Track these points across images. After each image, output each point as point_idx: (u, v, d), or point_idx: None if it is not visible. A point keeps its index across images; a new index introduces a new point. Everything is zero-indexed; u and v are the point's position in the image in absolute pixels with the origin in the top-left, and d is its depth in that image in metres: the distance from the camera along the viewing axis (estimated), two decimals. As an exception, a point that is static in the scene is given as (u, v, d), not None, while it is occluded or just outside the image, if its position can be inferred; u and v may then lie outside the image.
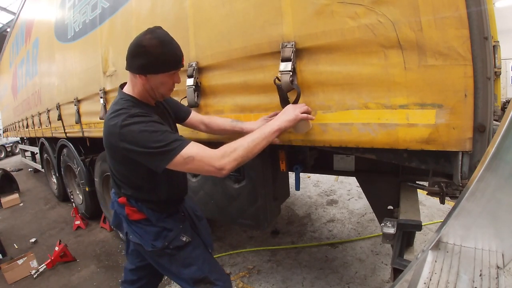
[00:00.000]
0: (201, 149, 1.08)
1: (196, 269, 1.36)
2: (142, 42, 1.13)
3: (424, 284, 0.82)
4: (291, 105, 1.22)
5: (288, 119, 1.16)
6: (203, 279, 1.36)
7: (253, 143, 1.10)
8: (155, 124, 1.08)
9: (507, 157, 0.72)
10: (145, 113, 1.11)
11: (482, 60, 0.91)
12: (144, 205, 1.31)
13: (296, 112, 1.17)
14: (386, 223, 1.23)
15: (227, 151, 1.07)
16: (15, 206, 5.32)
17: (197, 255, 1.37)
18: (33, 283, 2.71)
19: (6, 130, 9.17)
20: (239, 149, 1.08)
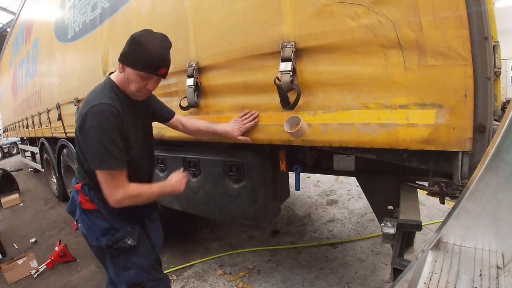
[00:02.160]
0: (118, 179, 1.17)
1: (134, 273, 1.38)
2: (134, 34, 1.18)
3: (424, 284, 0.82)
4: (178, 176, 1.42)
5: (178, 187, 1.39)
6: (138, 284, 1.39)
7: (151, 195, 1.31)
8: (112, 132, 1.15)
9: (507, 157, 0.72)
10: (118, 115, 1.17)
11: (482, 60, 0.92)
12: (96, 195, 1.31)
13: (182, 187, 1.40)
14: (386, 223, 1.23)
15: (132, 194, 1.21)
16: (15, 206, 5.32)
17: (138, 261, 1.38)
18: (33, 283, 2.71)
19: (6, 130, 9.17)
20: (141, 197, 1.26)
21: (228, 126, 1.51)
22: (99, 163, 1.15)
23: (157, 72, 1.19)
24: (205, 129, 1.59)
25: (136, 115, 1.33)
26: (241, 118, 1.48)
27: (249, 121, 1.46)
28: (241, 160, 1.74)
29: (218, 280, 2.37)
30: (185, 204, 2.18)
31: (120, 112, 1.19)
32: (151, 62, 1.16)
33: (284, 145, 1.75)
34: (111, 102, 1.17)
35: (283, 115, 1.36)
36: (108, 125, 1.13)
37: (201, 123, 1.61)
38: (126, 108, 1.25)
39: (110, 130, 1.14)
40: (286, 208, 3.66)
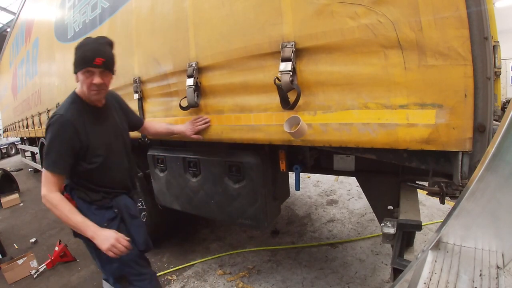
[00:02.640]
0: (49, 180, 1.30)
1: (116, 267, 1.44)
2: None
3: (424, 284, 0.82)
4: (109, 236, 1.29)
5: (102, 241, 1.27)
6: (122, 277, 1.48)
7: (66, 219, 1.29)
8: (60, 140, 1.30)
9: (507, 157, 0.72)
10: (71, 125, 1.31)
11: (482, 60, 0.92)
12: (75, 194, 1.43)
13: (105, 246, 1.26)
14: (386, 223, 1.23)
15: (49, 200, 1.28)
16: (15, 206, 5.32)
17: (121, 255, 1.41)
18: (33, 283, 2.71)
19: (6, 130, 9.18)
20: (54, 210, 1.29)
21: (183, 126, 1.76)
22: (44, 163, 1.33)
23: (93, 63, 1.28)
24: (164, 131, 1.83)
25: (105, 122, 1.46)
26: (195, 120, 1.73)
27: (200, 124, 1.72)
28: (241, 160, 1.74)
29: (218, 280, 2.37)
30: (185, 204, 2.18)
31: (74, 123, 1.31)
32: (85, 56, 1.29)
33: (284, 145, 1.75)
34: (64, 114, 1.32)
35: (283, 115, 1.36)
36: (58, 135, 1.30)
37: (161, 125, 1.85)
38: (89, 117, 1.38)
39: (58, 139, 1.30)
40: (286, 208, 3.66)
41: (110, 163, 1.45)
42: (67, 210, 1.28)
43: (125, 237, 1.34)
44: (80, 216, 1.30)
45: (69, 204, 1.30)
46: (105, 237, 1.27)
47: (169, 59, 1.85)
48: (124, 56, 2.25)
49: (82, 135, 1.33)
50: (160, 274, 2.52)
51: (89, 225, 1.29)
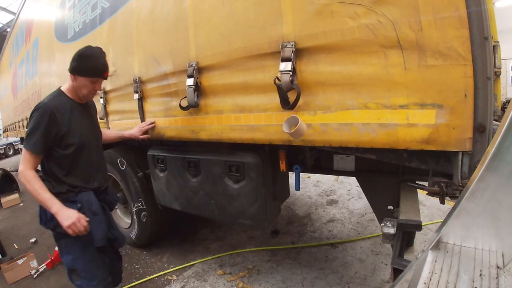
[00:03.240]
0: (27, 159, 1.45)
1: (71, 259, 1.57)
2: (78, 51, 1.51)
3: (424, 284, 0.82)
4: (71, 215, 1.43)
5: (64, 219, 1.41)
6: (74, 270, 1.58)
7: (36, 194, 1.43)
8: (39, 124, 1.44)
9: (507, 157, 0.72)
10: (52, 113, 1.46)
11: (482, 60, 0.92)
12: (45, 184, 1.51)
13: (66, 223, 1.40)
14: (386, 223, 1.23)
15: (25, 176, 1.43)
16: (15, 206, 5.32)
17: (75, 249, 1.56)
18: (33, 283, 2.71)
19: (6, 130, 9.17)
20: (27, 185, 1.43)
21: (132, 130, 2.06)
22: (24, 143, 1.47)
23: (103, 75, 1.57)
24: (115, 136, 2.06)
25: (82, 114, 1.63)
26: (142, 124, 2.07)
27: (146, 125, 2.05)
28: (241, 160, 1.74)
29: (218, 280, 2.37)
30: (185, 204, 2.18)
31: (54, 110, 1.46)
32: (98, 69, 1.54)
33: (284, 145, 1.76)
34: (47, 102, 1.48)
35: (283, 115, 1.36)
36: (39, 119, 1.43)
37: (112, 132, 2.12)
38: (67, 108, 1.53)
39: (40, 124, 1.43)
40: (286, 208, 3.66)
41: (83, 155, 1.58)
42: (38, 187, 1.42)
43: (85, 218, 1.47)
44: (49, 193, 1.44)
45: (41, 182, 1.45)
46: (67, 215, 1.41)
47: (169, 59, 1.86)
48: (124, 56, 2.26)
49: (61, 122, 1.48)
50: (160, 274, 2.52)
51: (55, 203, 1.42)
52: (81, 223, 1.43)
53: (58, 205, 1.42)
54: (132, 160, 2.66)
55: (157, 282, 2.44)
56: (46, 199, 1.42)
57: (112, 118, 2.62)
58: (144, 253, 2.91)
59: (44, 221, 1.56)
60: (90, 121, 1.70)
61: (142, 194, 2.59)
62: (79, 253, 1.56)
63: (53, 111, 1.46)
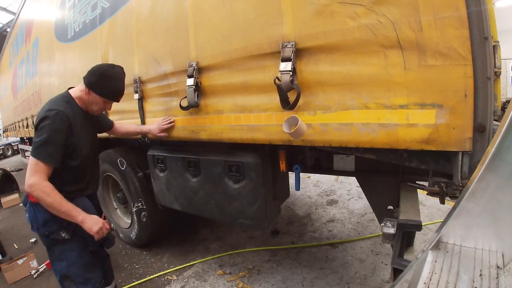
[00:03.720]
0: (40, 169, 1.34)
1: (65, 265, 1.53)
2: (101, 68, 1.51)
3: (424, 284, 0.82)
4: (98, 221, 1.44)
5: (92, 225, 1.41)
6: (68, 277, 1.55)
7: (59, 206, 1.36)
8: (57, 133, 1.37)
9: (507, 157, 0.72)
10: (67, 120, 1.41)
11: (482, 60, 0.92)
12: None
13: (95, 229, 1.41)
14: (386, 223, 1.23)
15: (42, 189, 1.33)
16: (15, 206, 5.32)
17: (70, 255, 1.53)
18: (33, 283, 2.71)
19: (6, 130, 9.17)
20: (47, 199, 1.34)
21: (151, 126, 1.99)
22: (34, 152, 1.35)
23: (117, 99, 1.60)
24: (133, 130, 2.04)
25: (86, 125, 1.59)
26: (162, 120, 1.96)
27: (166, 123, 1.94)
28: (241, 160, 1.74)
29: (218, 280, 2.37)
30: (185, 204, 2.18)
31: (71, 120, 1.43)
32: (115, 93, 1.56)
33: (284, 145, 1.76)
34: (63, 110, 1.41)
35: (283, 115, 1.36)
36: (57, 128, 1.37)
37: (131, 126, 2.07)
38: (78, 118, 1.50)
39: (57, 132, 1.37)
40: (286, 208, 3.66)
41: (87, 165, 1.59)
42: (59, 198, 1.37)
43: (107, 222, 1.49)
44: (71, 203, 1.40)
45: (59, 193, 1.38)
46: (94, 221, 1.42)
47: (169, 59, 1.86)
48: (124, 56, 2.25)
49: (76, 133, 1.46)
50: (160, 274, 2.52)
51: (80, 211, 1.41)
52: (106, 227, 1.47)
53: (83, 213, 1.41)
54: (132, 160, 2.66)
55: (157, 282, 2.44)
56: (70, 209, 1.39)
57: (112, 118, 2.60)
58: (144, 253, 2.91)
59: (36, 227, 1.49)
60: (93, 131, 1.69)
61: (142, 194, 2.59)
62: (75, 258, 1.53)
63: (70, 121, 1.42)
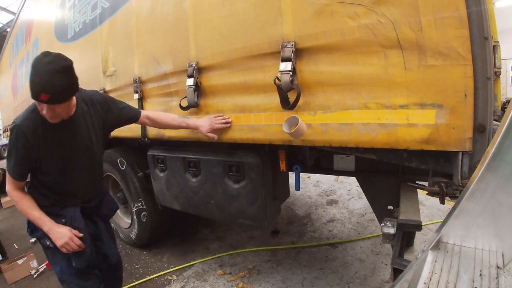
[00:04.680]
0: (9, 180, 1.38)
1: (59, 270, 1.51)
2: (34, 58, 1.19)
3: (424, 284, 0.82)
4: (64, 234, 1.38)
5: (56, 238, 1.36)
6: (63, 281, 1.54)
7: (26, 215, 1.39)
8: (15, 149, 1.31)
9: (507, 157, 0.72)
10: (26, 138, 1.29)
11: (482, 60, 0.92)
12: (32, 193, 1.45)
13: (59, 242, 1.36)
14: (386, 223, 1.23)
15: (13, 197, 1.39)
16: (15, 206, 5.31)
17: (61, 263, 1.49)
18: (33, 283, 2.71)
19: (6, 130, 9.16)
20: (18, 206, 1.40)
21: (200, 121, 1.64)
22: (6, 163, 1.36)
23: (39, 98, 1.13)
24: (176, 123, 1.71)
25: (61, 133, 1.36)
26: (215, 117, 1.62)
27: (220, 123, 1.59)
28: (241, 160, 1.74)
29: (218, 280, 2.37)
30: (185, 204, 2.18)
31: (29, 136, 1.27)
32: (32, 88, 1.13)
33: (284, 145, 1.75)
34: (20, 124, 1.28)
35: (283, 115, 1.36)
36: (16, 143, 1.30)
37: (174, 117, 1.73)
38: (45, 129, 1.30)
39: (15, 146, 1.30)
40: (286, 208, 3.66)
41: (67, 176, 1.44)
42: (26, 206, 1.37)
43: (78, 234, 1.41)
44: (38, 212, 1.37)
45: (28, 201, 1.39)
46: (60, 234, 1.36)
47: (169, 59, 1.86)
48: (124, 56, 2.26)
49: (35, 147, 1.30)
50: (160, 274, 2.52)
51: (45, 221, 1.36)
52: (75, 242, 1.37)
53: (49, 224, 1.36)
54: (132, 160, 2.66)
55: (157, 282, 2.44)
56: (35, 218, 1.37)
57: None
58: (144, 253, 2.91)
59: (30, 230, 1.50)
60: (75, 137, 1.42)
61: (142, 194, 2.59)
62: (65, 267, 1.49)
63: (25, 135, 1.27)
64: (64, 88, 1.17)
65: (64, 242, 1.35)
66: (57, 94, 1.15)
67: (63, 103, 1.20)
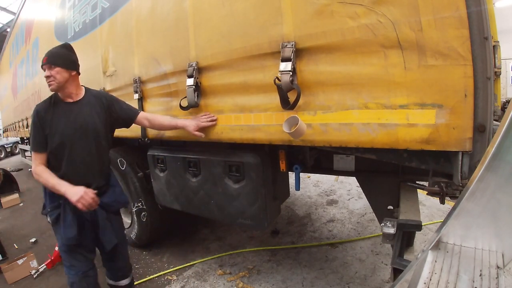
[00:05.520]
0: (35, 158, 1.62)
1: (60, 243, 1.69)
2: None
3: (424, 284, 0.82)
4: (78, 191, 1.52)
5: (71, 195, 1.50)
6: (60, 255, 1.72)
7: (46, 182, 1.57)
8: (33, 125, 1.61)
9: (507, 157, 0.72)
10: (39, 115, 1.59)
11: (482, 60, 0.92)
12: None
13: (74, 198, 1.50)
14: (386, 223, 1.23)
15: (36, 172, 1.59)
16: (15, 206, 5.32)
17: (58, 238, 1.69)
18: (33, 283, 2.71)
19: (6, 130, 9.17)
20: (40, 178, 1.58)
21: (187, 121, 1.76)
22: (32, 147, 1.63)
23: (42, 62, 1.58)
24: (167, 123, 1.85)
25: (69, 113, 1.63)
26: (201, 116, 1.72)
27: (206, 120, 1.70)
28: (241, 160, 1.74)
29: (218, 280, 2.37)
30: (185, 204, 2.18)
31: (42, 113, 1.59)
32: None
33: (284, 145, 1.75)
34: (39, 105, 1.62)
35: (283, 115, 1.36)
36: (33, 120, 1.60)
37: (165, 118, 1.89)
38: (54, 109, 1.61)
39: (33, 124, 1.60)
40: (286, 208, 3.66)
41: (65, 154, 1.61)
42: (46, 176, 1.56)
43: (91, 193, 1.54)
44: (57, 179, 1.55)
45: (49, 172, 1.58)
46: (75, 192, 1.50)
47: (169, 59, 1.86)
48: (124, 56, 2.26)
49: (47, 122, 1.58)
50: (160, 274, 2.52)
51: (63, 184, 1.53)
52: (89, 196, 1.51)
53: (66, 186, 1.52)
54: (132, 160, 2.66)
55: (157, 282, 2.44)
56: (54, 184, 1.53)
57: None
58: (144, 253, 2.91)
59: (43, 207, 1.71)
60: (79, 117, 1.63)
61: (142, 194, 2.59)
62: (60, 243, 1.69)
63: (39, 112, 1.58)
64: (59, 54, 1.60)
65: (78, 196, 1.48)
66: (52, 56, 1.57)
67: (57, 67, 1.54)
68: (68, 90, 1.62)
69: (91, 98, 1.71)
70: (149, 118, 1.86)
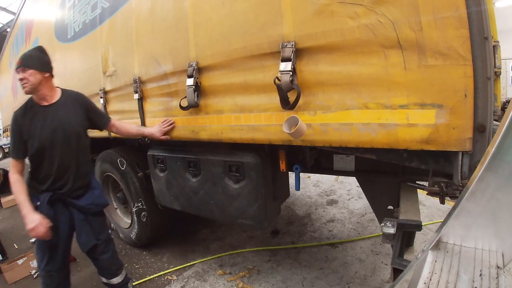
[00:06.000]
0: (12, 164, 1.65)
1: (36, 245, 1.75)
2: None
3: (424, 284, 0.82)
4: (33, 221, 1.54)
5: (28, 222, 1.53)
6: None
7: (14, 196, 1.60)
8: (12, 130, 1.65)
9: (507, 157, 0.72)
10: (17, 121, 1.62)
11: (482, 60, 0.92)
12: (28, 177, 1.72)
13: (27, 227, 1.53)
14: (386, 223, 1.23)
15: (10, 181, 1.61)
16: (15, 206, 5.31)
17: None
18: (33, 283, 2.71)
19: (6, 130, 9.16)
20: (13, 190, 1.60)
21: (153, 129, 1.97)
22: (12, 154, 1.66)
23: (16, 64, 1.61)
24: (135, 132, 2.05)
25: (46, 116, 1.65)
26: (162, 123, 1.95)
27: (167, 126, 1.93)
28: (241, 160, 1.74)
29: (218, 280, 2.37)
30: (185, 204, 2.18)
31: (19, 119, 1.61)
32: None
33: (284, 145, 1.76)
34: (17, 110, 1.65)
35: (283, 115, 1.36)
36: (11, 128, 1.64)
37: (132, 126, 2.07)
38: (31, 114, 1.63)
39: (11, 131, 1.64)
40: (286, 208, 3.66)
41: (45, 158, 1.65)
42: (16, 190, 1.59)
43: (46, 224, 1.56)
44: (24, 197, 1.58)
45: (20, 185, 1.60)
46: (30, 220, 1.53)
47: (169, 59, 1.85)
48: (124, 56, 2.25)
49: (24, 127, 1.61)
50: (160, 274, 2.52)
51: (25, 207, 1.56)
52: (40, 229, 1.54)
53: (27, 209, 1.55)
54: (132, 160, 2.66)
55: (157, 282, 2.44)
56: (20, 201, 1.57)
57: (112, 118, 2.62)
58: (144, 253, 2.91)
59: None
60: (56, 122, 1.66)
61: (142, 194, 2.59)
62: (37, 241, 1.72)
63: (17, 118, 1.61)
64: (33, 56, 1.63)
65: (31, 226, 1.53)
66: (25, 58, 1.59)
67: (30, 70, 1.57)
68: (42, 92, 1.64)
69: (68, 100, 1.76)
70: (117, 125, 2.01)
